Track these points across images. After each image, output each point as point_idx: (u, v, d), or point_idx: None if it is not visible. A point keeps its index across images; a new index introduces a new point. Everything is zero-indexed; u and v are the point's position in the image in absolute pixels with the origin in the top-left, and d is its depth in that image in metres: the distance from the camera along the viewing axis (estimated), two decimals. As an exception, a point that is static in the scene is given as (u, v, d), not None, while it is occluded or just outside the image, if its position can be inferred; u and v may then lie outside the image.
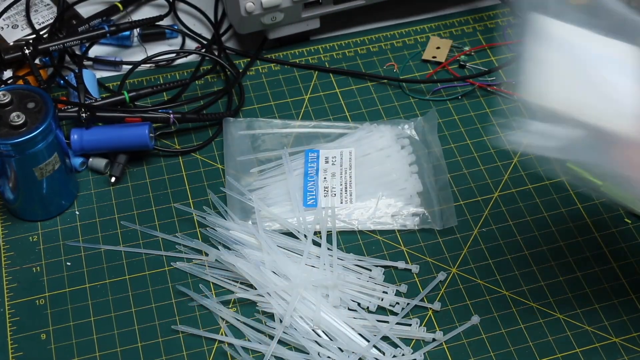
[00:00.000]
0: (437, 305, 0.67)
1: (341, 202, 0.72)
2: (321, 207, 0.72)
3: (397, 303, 0.67)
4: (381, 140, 0.76)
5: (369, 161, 0.75)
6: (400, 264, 0.69)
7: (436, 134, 0.77)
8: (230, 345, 0.65)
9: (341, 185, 0.73)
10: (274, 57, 0.85)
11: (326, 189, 0.73)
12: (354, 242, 0.71)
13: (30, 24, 0.85)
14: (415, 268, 0.69)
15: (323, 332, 0.65)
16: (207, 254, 0.69)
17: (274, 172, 0.75)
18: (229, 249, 0.69)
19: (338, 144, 0.77)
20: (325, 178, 0.73)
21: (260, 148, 0.77)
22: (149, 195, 0.74)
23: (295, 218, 0.71)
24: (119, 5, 0.86)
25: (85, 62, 0.84)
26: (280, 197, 0.73)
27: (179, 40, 0.87)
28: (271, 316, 0.66)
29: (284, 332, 0.64)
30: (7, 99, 0.67)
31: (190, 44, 0.87)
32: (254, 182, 0.74)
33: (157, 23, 0.84)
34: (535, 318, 0.66)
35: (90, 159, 0.76)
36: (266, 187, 0.74)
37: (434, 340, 0.65)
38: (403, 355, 0.64)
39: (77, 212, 0.73)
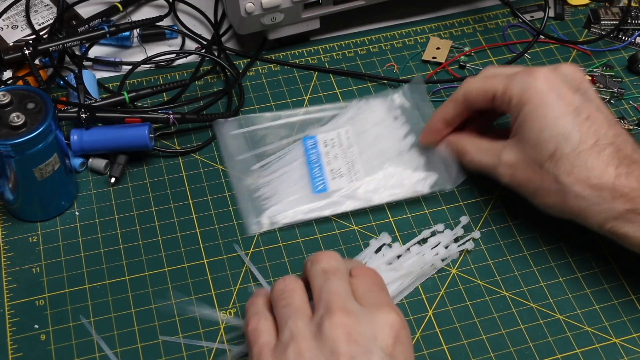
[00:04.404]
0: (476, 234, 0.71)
1: (351, 181, 0.72)
2: (332, 191, 0.72)
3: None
4: (374, 114, 0.77)
5: (367, 137, 0.76)
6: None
7: (427, 99, 0.78)
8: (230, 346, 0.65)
9: (347, 164, 0.73)
10: (273, 58, 0.85)
11: (333, 172, 0.73)
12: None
13: (30, 24, 0.85)
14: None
15: None
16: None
17: (276, 166, 0.75)
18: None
19: (332, 125, 0.77)
20: (329, 161, 0.74)
21: (257, 144, 0.76)
22: (149, 195, 0.74)
23: (307, 206, 0.72)
24: (119, 5, 0.86)
25: (85, 63, 0.84)
26: (289, 189, 0.73)
27: (178, 40, 0.87)
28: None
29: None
30: (6, 99, 0.66)
31: (190, 45, 0.87)
32: (258, 178, 0.74)
33: (157, 23, 0.84)
34: (535, 318, 0.66)
35: (90, 160, 0.76)
36: (272, 181, 0.74)
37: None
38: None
39: (76, 213, 0.73)
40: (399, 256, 0.69)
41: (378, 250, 0.69)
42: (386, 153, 0.75)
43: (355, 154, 0.74)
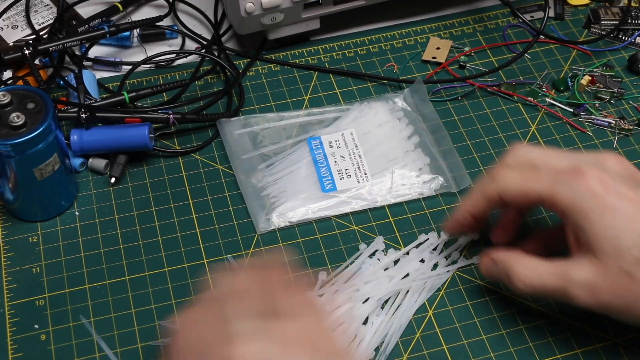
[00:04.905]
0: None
1: (358, 182, 0.73)
2: (341, 191, 0.73)
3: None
4: (377, 117, 0.78)
5: (371, 139, 0.76)
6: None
7: (429, 103, 0.79)
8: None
9: (353, 165, 0.74)
10: (273, 58, 0.85)
11: (340, 172, 0.73)
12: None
13: (30, 24, 0.85)
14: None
15: None
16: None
17: (282, 165, 0.75)
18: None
19: (336, 127, 0.77)
20: (335, 162, 0.74)
21: (262, 144, 0.77)
22: (149, 195, 0.74)
23: (317, 205, 0.72)
24: (119, 5, 0.86)
25: (85, 63, 0.84)
26: (298, 187, 0.73)
27: (178, 40, 0.87)
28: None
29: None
30: (6, 99, 0.66)
31: (190, 45, 0.87)
32: (264, 178, 0.74)
33: (157, 23, 0.84)
34: (535, 318, 0.66)
35: (90, 160, 0.76)
36: (279, 181, 0.74)
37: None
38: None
39: (76, 213, 0.73)
40: (396, 262, 0.69)
41: (372, 255, 0.69)
42: (392, 153, 0.75)
43: (362, 155, 0.74)
